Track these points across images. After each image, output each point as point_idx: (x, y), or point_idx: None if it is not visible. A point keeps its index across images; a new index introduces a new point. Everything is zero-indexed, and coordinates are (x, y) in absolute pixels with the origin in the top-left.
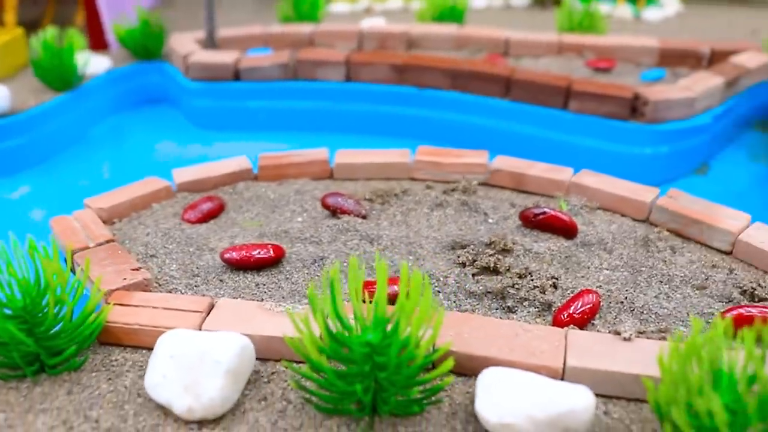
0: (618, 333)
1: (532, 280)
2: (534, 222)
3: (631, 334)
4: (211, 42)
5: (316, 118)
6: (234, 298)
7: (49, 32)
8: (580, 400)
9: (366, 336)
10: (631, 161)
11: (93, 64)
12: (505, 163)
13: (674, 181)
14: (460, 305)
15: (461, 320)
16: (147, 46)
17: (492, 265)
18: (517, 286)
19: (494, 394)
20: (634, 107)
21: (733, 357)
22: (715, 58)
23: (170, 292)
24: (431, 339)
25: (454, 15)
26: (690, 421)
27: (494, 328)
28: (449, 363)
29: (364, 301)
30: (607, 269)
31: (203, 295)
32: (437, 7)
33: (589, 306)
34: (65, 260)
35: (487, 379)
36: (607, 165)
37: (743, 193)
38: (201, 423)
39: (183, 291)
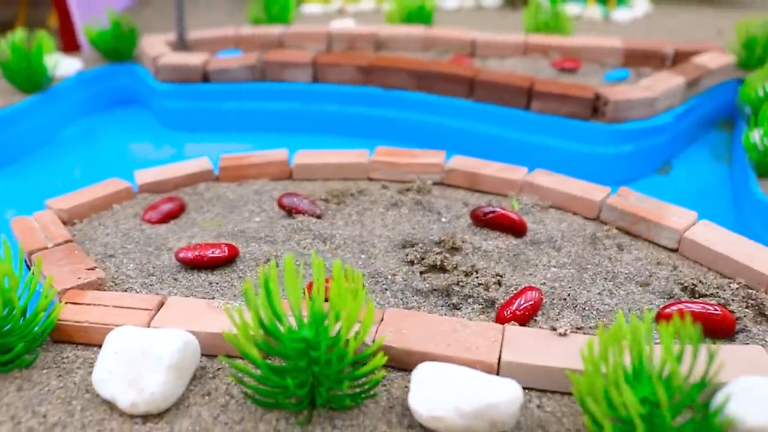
0: (554, 329)
1: (477, 277)
2: (484, 221)
3: (566, 330)
4: (181, 44)
5: (284, 119)
6: (186, 296)
7: (18, 34)
8: (506, 393)
9: (302, 332)
10: (593, 161)
11: (63, 66)
12: (460, 162)
13: (637, 181)
14: (407, 302)
15: (402, 317)
16: (118, 47)
17: (439, 263)
18: (461, 284)
19: (426, 388)
20: (596, 107)
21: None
22: (678, 59)
23: (126, 291)
24: (362, 336)
25: (422, 16)
26: (610, 413)
27: (434, 325)
28: (379, 359)
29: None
30: (555, 267)
31: (156, 294)
32: (405, 8)
33: (530, 303)
34: (26, 260)
35: (420, 373)
36: (569, 164)
37: (705, 193)
38: (145, 417)
39: (138, 290)
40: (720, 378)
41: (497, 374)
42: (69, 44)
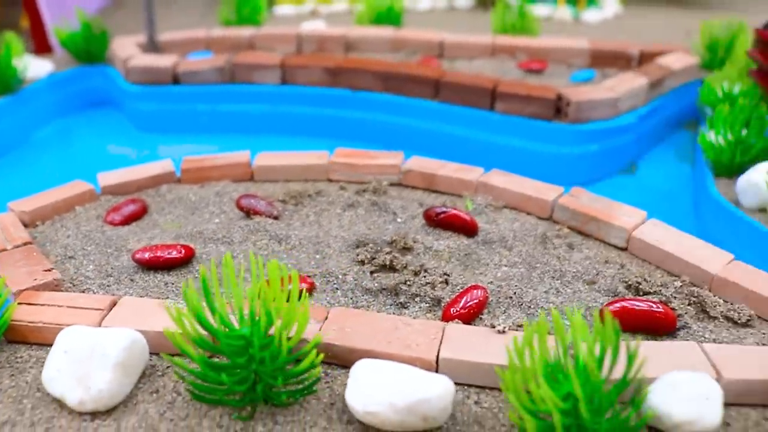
0: (493, 326)
1: (425, 276)
2: (436, 221)
3: (505, 328)
4: (151, 45)
5: (254, 121)
6: (142, 296)
7: None
8: (437, 388)
9: (239, 330)
10: (557, 161)
11: (35, 68)
12: (417, 163)
13: (602, 181)
14: (357, 301)
15: (346, 315)
16: (89, 49)
17: (388, 262)
18: (409, 283)
19: (362, 384)
20: (558, 108)
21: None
22: (644, 59)
23: (83, 291)
24: (297, 335)
25: (391, 18)
26: (534, 408)
27: (376, 323)
28: (312, 356)
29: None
30: (506, 266)
31: (113, 295)
32: (375, 9)
33: (475, 301)
34: None
35: (357, 370)
36: (534, 165)
37: (670, 192)
38: (94, 414)
39: (95, 291)
40: (654, 374)
41: (436, 371)
42: (41, 46)
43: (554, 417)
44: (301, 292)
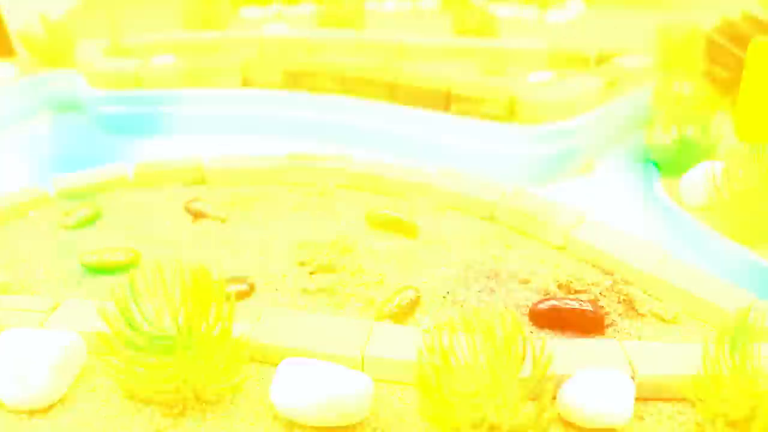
0: (419, 325)
1: (361, 277)
2: (378, 222)
3: (429, 327)
4: (115, 50)
5: (216, 123)
6: (87, 299)
7: None
8: (354, 386)
9: (166, 332)
10: (512, 162)
11: None
12: (365, 165)
13: (558, 182)
14: (296, 302)
15: (279, 315)
16: (54, 53)
17: (326, 263)
18: (344, 284)
19: (286, 381)
20: (512, 109)
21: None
22: (601, 61)
23: (32, 295)
24: (223, 335)
25: (352, 20)
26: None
27: (308, 322)
28: (238, 356)
29: None
30: (444, 266)
31: (60, 298)
32: (336, 12)
33: (407, 301)
34: None
35: (283, 368)
36: (489, 166)
37: (626, 192)
38: (31, 413)
39: (44, 294)
40: (572, 371)
41: (363, 369)
42: (4, 49)
43: (459, 412)
44: (228, 295)
